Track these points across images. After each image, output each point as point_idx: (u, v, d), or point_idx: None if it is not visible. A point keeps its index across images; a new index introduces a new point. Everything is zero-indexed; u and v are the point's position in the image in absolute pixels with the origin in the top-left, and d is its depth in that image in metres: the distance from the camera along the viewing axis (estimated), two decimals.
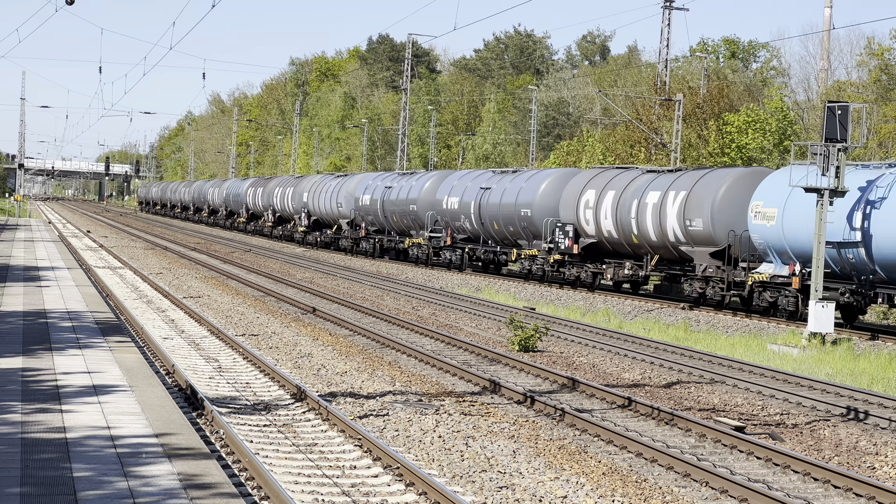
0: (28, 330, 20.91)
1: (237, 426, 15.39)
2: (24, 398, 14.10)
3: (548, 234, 42.02)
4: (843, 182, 28.33)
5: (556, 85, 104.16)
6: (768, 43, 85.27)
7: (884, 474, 14.64)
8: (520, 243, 44.74)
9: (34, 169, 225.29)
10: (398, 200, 55.69)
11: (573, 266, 40.88)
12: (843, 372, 23.65)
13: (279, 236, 78.88)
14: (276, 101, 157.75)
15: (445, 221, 50.30)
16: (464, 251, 49.73)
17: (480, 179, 48.55)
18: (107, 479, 10.29)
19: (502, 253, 46.57)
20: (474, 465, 13.75)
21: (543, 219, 42.36)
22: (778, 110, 58.98)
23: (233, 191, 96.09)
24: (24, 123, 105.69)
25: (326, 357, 22.46)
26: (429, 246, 51.90)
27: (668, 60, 60.80)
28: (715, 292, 34.21)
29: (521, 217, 43.77)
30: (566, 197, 41.23)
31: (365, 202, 59.84)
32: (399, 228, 56.50)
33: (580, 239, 40.35)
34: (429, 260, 52.17)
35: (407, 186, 55.20)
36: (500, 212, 45.43)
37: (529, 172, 46.29)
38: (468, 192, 48.45)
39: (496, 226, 45.88)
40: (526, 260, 43.65)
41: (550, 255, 41.83)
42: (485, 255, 47.89)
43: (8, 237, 60.39)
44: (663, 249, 36.61)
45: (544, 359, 23.87)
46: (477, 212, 47.28)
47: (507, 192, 45.12)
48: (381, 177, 60.61)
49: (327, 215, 67.02)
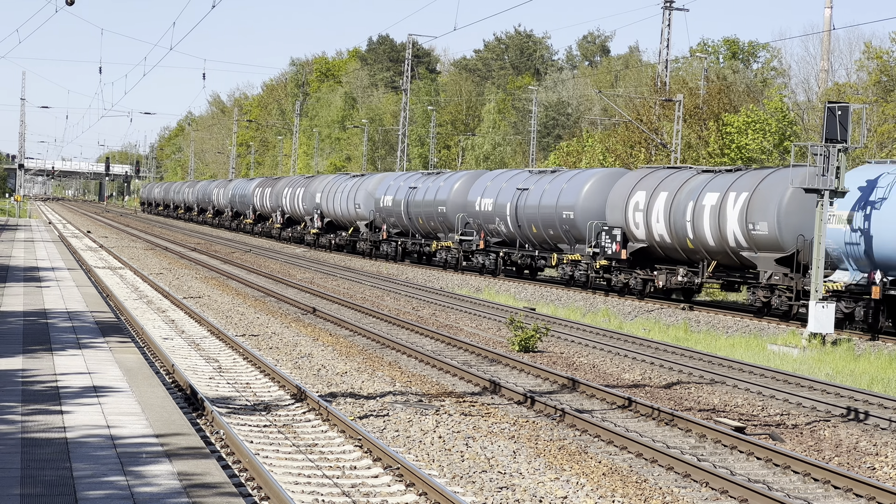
0: (28, 330, 20.91)
1: (237, 426, 15.39)
2: (24, 398, 14.10)
3: (592, 238, 39.56)
4: (844, 182, 28.34)
5: (556, 85, 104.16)
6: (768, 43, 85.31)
7: (884, 475, 14.64)
8: (560, 248, 42.44)
9: (34, 169, 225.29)
10: (425, 202, 52.83)
11: (621, 272, 38.45)
12: (843, 372, 23.65)
13: (288, 238, 76.36)
14: (276, 101, 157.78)
15: (478, 224, 47.68)
16: (498, 255, 46.89)
17: (517, 180, 46.04)
18: (107, 480, 10.29)
19: (541, 258, 44.02)
20: (474, 466, 13.75)
21: (587, 222, 39.97)
22: (778, 111, 58.98)
23: (239, 191, 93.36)
24: (24, 124, 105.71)
25: (326, 357, 22.46)
26: (459, 250, 49.21)
27: (669, 61, 60.81)
28: (781, 302, 31.55)
29: (563, 220, 41.32)
30: (613, 198, 38.91)
31: (387, 203, 57.12)
32: (425, 231, 53.85)
33: (629, 243, 37.89)
34: (458, 265, 49.64)
35: (434, 187, 52.47)
36: (539, 214, 43.00)
37: (571, 172, 43.88)
38: (503, 194, 45.92)
39: (534, 229, 43.46)
40: (567, 265, 41.29)
41: (595, 260, 39.39)
42: (521, 260, 45.36)
43: (8, 237, 60.39)
44: (722, 255, 34.20)
45: (544, 359, 23.87)
46: (513, 214, 44.78)
47: (546, 193, 42.74)
48: (404, 177, 57.95)
49: (343, 217, 64.28)
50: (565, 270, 41.49)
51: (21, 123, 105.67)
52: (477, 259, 47.85)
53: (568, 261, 41.23)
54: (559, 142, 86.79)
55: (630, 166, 56.53)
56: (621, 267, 38.49)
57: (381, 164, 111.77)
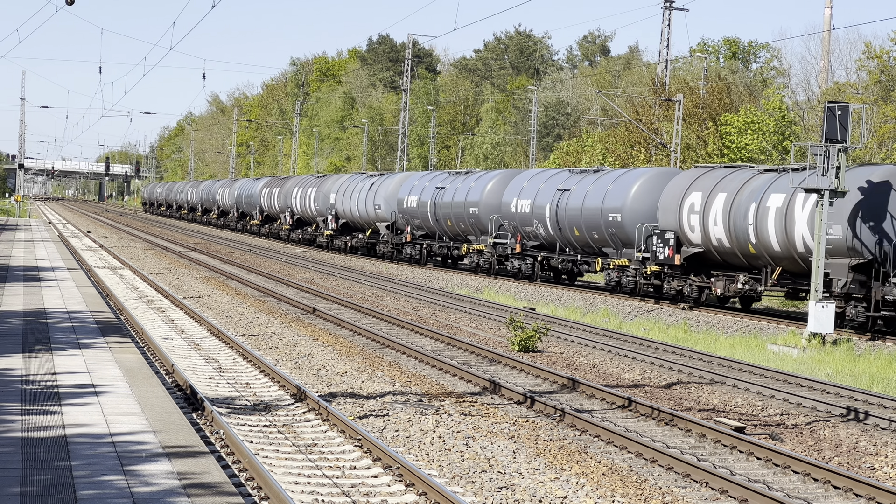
0: (28, 330, 20.91)
1: (237, 426, 15.39)
2: (24, 398, 14.10)
3: (641, 242, 37.06)
4: (843, 182, 28.33)
5: (556, 85, 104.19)
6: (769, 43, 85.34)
7: (884, 475, 14.64)
8: (605, 252, 39.63)
9: (34, 169, 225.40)
10: (454, 203, 50.02)
11: (674, 278, 35.77)
12: (843, 372, 23.65)
13: (298, 240, 73.36)
14: (276, 101, 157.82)
15: (514, 226, 45.01)
16: (535, 260, 44.06)
17: (556, 180, 43.39)
18: (107, 479, 10.29)
19: (583, 262, 41.19)
20: (474, 466, 13.75)
21: (636, 224, 37.35)
22: (777, 110, 58.99)
23: (245, 191, 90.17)
24: (24, 123, 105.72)
25: (326, 357, 22.46)
26: (492, 253, 46.54)
27: (669, 61, 60.83)
28: (857, 312, 29.09)
29: (609, 222, 38.67)
30: (666, 200, 36.24)
31: (411, 204, 54.37)
32: (453, 233, 51.17)
33: (683, 248, 35.34)
34: (491, 269, 46.99)
35: (464, 187, 49.65)
36: (582, 216, 40.30)
37: (617, 172, 41.12)
38: (542, 195, 43.18)
39: (577, 232, 40.79)
40: (613, 271, 38.66)
41: (645, 265, 36.78)
42: (562, 265, 42.54)
43: (8, 237, 60.39)
44: (787, 261, 31.58)
45: (544, 359, 23.87)
46: (553, 216, 42.07)
47: (590, 193, 40.14)
48: (429, 176, 55.10)
49: (361, 218, 61.29)
50: (611, 276, 38.88)
51: (21, 123, 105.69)
52: (512, 263, 45.22)
53: (614, 266, 38.56)
54: (559, 142, 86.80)
55: (630, 166, 56.49)
56: (674, 273, 35.87)
57: (381, 164, 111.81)
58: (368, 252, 62.44)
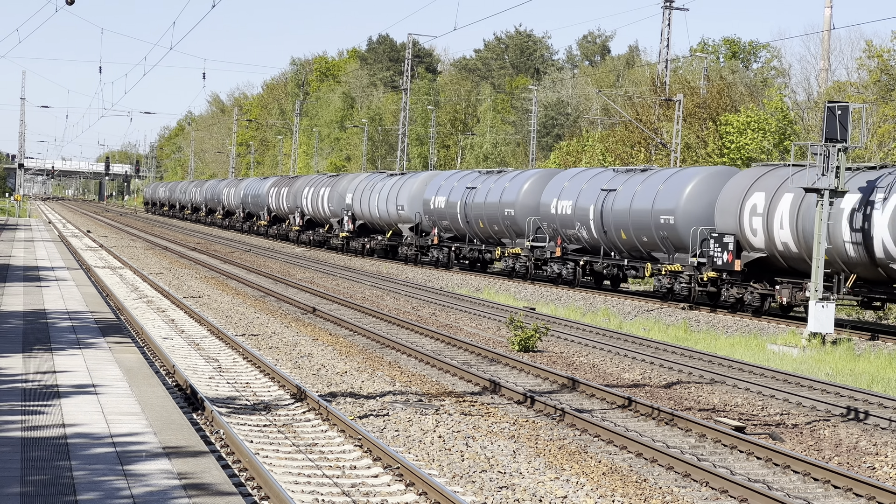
0: (28, 330, 20.91)
1: (237, 426, 15.39)
2: (24, 398, 14.10)
3: (696, 246, 34.69)
4: (843, 182, 28.32)
5: (556, 85, 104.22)
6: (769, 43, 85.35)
7: (884, 474, 14.64)
8: (655, 256, 37.35)
9: (34, 169, 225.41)
10: (487, 203, 47.49)
11: (733, 285, 33.42)
12: (843, 372, 23.65)
13: (308, 242, 70.80)
14: (276, 101, 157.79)
15: (553, 229, 42.88)
16: (577, 264, 41.78)
17: (600, 179, 41.07)
18: (106, 479, 10.29)
19: (630, 267, 38.76)
20: (474, 466, 13.75)
21: (690, 227, 35.10)
22: (778, 110, 58.99)
23: (251, 191, 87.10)
24: (24, 123, 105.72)
25: (326, 357, 22.46)
26: (530, 257, 44.27)
27: (669, 60, 60.82)
28: None
29: (660, 225, 36.33)
30: (724, 201, 33.93)
31: (438, 205, 51.86)
32: (485, 236, 48.66)
33: (743, 252, 32.93)
34: (528, 274, 44.73)
35: (498, 188, 47.20)
36: (630, 218, 37.92)
37: (668, 171, 38.95)
38: (585, 195, 40.97)
39: (623, 235, 38.56)
40: (665, 277, 36.17)
41: (701, 271, 34.49)
42: (607, 270, 40.36)
43: (8, 237, 60.39)
44: (863, 267, 29.39)
45: (544, 359, 23.87)
46: (598, 218, 39.86)
47: (638, 194, 37.84)
48: (458, 176, 52.69)
49: (381, 219, 58.78)
50: (662, 283, 36.45)
51: (21, 123, 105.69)
52: (552, 268, 42.96)
53: (666, 272, 36.08)
54: (559, 141, 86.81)
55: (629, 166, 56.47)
56: (734, 280, 33.45)
57: (381, 164, 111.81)
58: (386, 255, 60.28)
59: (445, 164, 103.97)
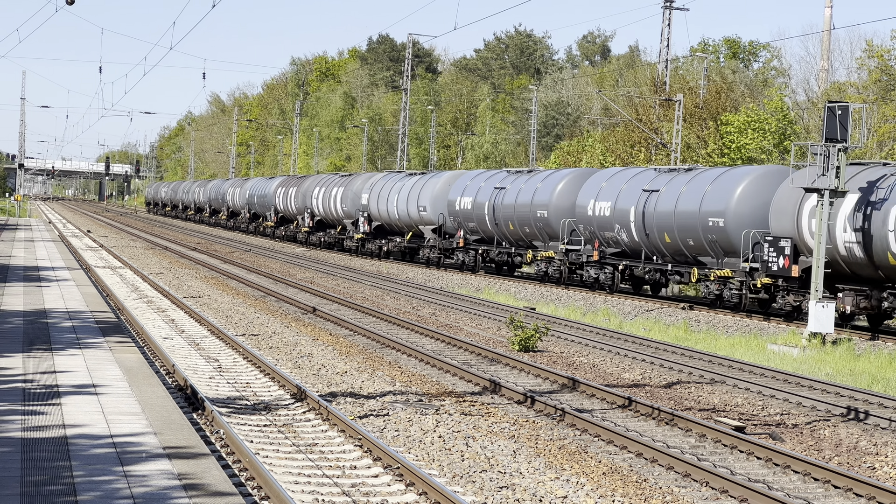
0: (28, 329, 20.91)
1: (237, 426, 15.39)
2: (24, 398, 14.10)
3: (748, 251, 32.85)
4: (844, 182, 28.31)
5: (556, 85, 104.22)
6: (769, 43, 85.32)
7: (884, 474, 14.64)
8: (702, 261, 35.33)
9: (34, 169, 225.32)
10: (518, 204, 45.23)
11: (789, 292, 31.40)
12: (843, 372, 23.66)
13: (318, 243, 68.49)
14: (276, 101, 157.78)
15: (590, 231, 40.80)
16: (615, 269, 39.61)
17: (641, 180, 39.06)
18: (107, 479, 10.29)
19: (674, 272, 36.77)
20: (474, 465, 13.75)
21: (741, 230, 33.17)
22: (778, 110, 58.99)
23: (258, 191, 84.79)
24: (24, 123, 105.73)
25: (326, 357, 22.46)
26: (564, 261, 42.26)
27: (669, 60, 60.83)
28: None
29: (708, 228, 34.41)
30: (780, 202, 32.05)
31: (465, 206, 49.66)
32: (515, 238, 46.39)
33: (801, 257, 30.94)
34: (562, 279, 42.74)
35: (529, 188, 45.08)
36: (674, 221, 35.94)
37: (716, 171, 36.80)
38: (625, 196, 38.92)
39: (667, 238, 36.51)
40: (713, 283, 34.01)
41: (754, 277, 32.54)
42: (649, 275, 38.10)
43: (8, 237, 60.39)
44: None
45: (544, 359, 23.87)
46: (639, 220, 37.84)
47: (684, 195, 35.94)
48: (485, 176, 50.33)
49: (400, 220, 56.44)
50: (710, 289, 34.29)
51: (21, 123, 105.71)
52: (588, 272, 40.83)
53: (715, 277, 33.94)
54: (559, 141, 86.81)
55: (630, 166, 56.48)
56: (790, 286, 31.45)
57: (381, 164, 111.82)
58: (404, 257, 58.52)
59: (446, 164, 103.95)
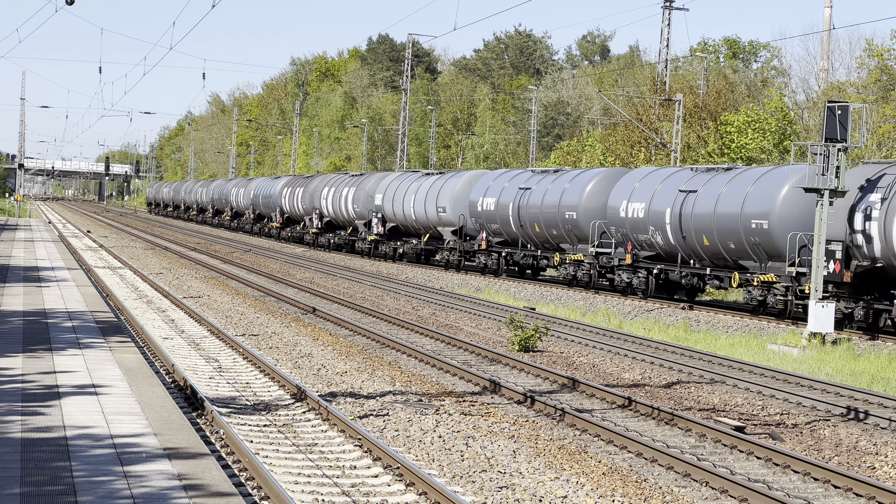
0: (28, 330, 20.91)
1: (237, 426, 15.39)
2: (24, 398, 14.10)
3: (794, 254, 31.28)
4: (844, 182, 28.30)
5: (556, 85, 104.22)
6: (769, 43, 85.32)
7: (884, 474, 14.64)
8: (744, 265, 33.76)
9: (34, 169, 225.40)
10: (545, 205, 43.55)
11: (840, 299, 29.84)
12: (843, 372, 23.66)
13: (327, 245, 66.68)
14: (276, 101, 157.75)
15: (622, 234, 39.13)
16: (650, 273, 37.86)
17: (676, 180, 37.43)
18: (106, 479, 10.29)
19: (713, 277, 35.06)
20: (474, 465, 13.75)
21: (787, 233, 31.52)
22: (778, 110, 59.01)
23: (263, 191, 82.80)
24: (24, 123, 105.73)
25: (326, 357, 22.46)
26: (594, 265, 40.56)
27: (669, 60, 60.83)
28: None
29: (751, 230, 32.80)
30: None
31: (487, 207, 47.91)
32: (541, 241, 44.73)
33: (852, 262, 29.55)
34: (591, 283, 40.91)
35: (557, 188, 43.30)
36: (714, 222, 34.41)
37: (758, 170, 35.05)
38: (660, 197, 37.26)
39: (706, 241, 35.00)
40: (756, 288, 32.50)
41: (801, 282, 31.18)
42: (685, 280, 36.21)
43: (8, 237, 60.39)
44: None
45: (544, 359, 23.87)
46: (675, 222, 36.23)
47: (723, 196, 34.26)
48: (508, 175, 48.54)
49: (417, 221, 54.69)
50: (752, 294, 32.83)
51: (21, 123, 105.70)
52: (620, 276, 39.23)
53: (758, 282, 32.49)
54: (559, 141, 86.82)
55: (630, 166, 56.50)
56: (841, 293, 29.95)
57: (381, 164, 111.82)
58: (419, 259, 56.70)
59: (446, 164, 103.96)
